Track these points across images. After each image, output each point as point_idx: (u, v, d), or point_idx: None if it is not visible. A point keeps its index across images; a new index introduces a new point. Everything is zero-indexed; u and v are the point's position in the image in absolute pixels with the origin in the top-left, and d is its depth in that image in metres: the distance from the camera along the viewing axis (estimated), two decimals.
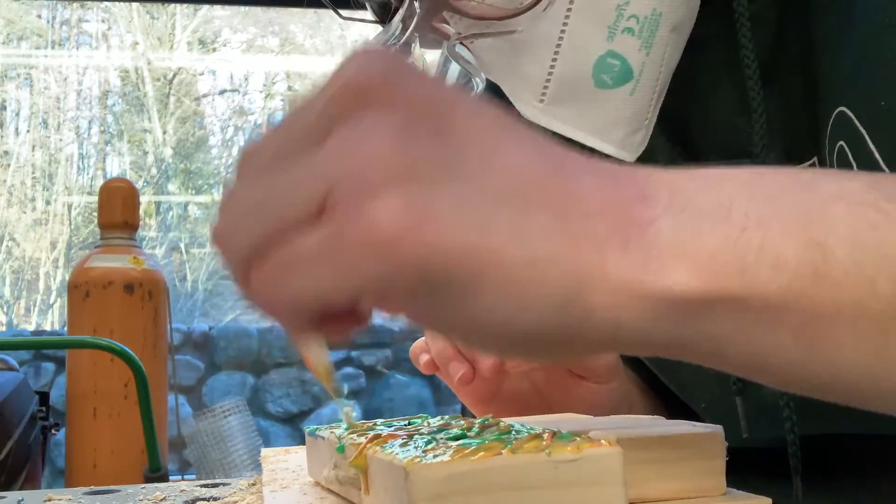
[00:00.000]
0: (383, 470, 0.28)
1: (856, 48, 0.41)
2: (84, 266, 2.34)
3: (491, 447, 0.27)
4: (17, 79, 4.12)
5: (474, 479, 0.26)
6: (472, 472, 0.26)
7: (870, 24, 0.40)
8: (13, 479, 1.91)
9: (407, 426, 0.36)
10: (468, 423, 0.35)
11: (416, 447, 0.29)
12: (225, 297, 4.14)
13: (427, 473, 0.25)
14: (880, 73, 0.39)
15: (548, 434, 0.29)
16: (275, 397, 3.72)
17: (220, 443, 2.83)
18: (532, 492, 0.26)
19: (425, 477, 0.25)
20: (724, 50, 0.46)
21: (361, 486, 0.31)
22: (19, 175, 4.06)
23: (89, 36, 4.31)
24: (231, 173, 0.27)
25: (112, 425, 2.25)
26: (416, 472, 0.25)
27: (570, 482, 0.26)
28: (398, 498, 0.26)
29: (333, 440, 0.35)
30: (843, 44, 0.42)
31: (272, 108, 4.40)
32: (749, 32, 0.43)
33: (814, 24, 0.44)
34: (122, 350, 1.78)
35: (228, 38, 4.37)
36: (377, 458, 0.29)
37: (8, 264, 4.04)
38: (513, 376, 0.54)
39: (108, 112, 4.23)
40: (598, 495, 0.26)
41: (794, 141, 0.46)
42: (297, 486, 0.38)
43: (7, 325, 4.00)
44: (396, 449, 0.29)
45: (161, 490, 0.50)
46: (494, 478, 0.26)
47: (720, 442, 0.31)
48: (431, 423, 0.37)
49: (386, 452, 0.28)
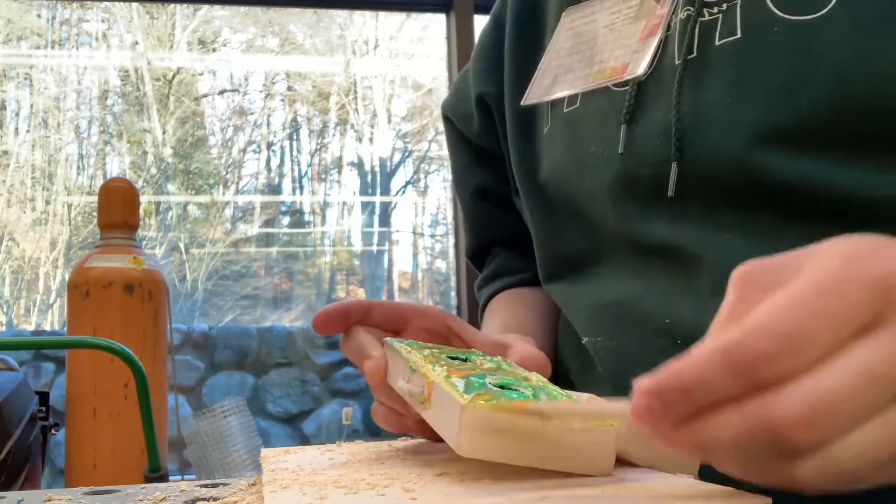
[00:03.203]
0: (445, 399, 0.38)
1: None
2: (84, 266, 2.34)
3: (528, 407, 0.36)
4: (16, 79, 4.12)
5: (505, 423, 0.36)
6: (506, 419, 0.36)
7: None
8: (13, 479, 1.91)
9: (465, 362, 0.46)
10: (512, 373, 0.45)
11: (470, 386, 0.39)
12: (225, 298, 4.14)
13: (475, 412, 0.36)
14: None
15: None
16: (275, 397, 3.72)
17: (220, 443, 2.83)
18: (543, 444, 0.37)
19: (473, 413, 0.36)
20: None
21: (425, 402, 0.41)
22: (19, 175, 4.06)
23: (89, 36, 4.31)
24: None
25: (112, 425, 2.25)
26: (467, 409, 0.36)
27: (572, 443, 0.37)
28: (453, 423, 0.36)
29: (407, 357, 0.45)
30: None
31: (272, 107, 4.41)
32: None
33: None
34: (122, 350, 1.78)
35: (228, 38, 4.37)
36: (443, 390, 0.39)
37: (8, 264, 4.04)
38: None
39: (108, 112, 4.23)
40: (591, 454, 0.37)
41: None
42: (297, 487, 0.38)
43: (7, 325, 4.00)
44: (459, 383, 0.39)
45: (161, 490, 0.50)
46: (520, 427, 0.36)
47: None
48: (485, 363, 0.47)
49: (450, 384, 0.39)
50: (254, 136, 4.40)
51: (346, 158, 4.42)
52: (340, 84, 4.36)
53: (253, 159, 4.40)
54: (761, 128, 0.49)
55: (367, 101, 4.39)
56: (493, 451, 0.36)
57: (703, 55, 0.53)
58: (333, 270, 4.37)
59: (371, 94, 4.40)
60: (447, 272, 4.32)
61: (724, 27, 0.52)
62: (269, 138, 4.41)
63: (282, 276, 4.25)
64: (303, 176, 4.45)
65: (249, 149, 4.39)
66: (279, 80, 4.37)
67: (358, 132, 4.42)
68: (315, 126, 4.50)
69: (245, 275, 4.20)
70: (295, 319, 4.13)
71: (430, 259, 4.57)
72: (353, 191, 4.41)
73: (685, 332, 0.52)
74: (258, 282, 4.19)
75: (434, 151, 4.49)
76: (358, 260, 4.42)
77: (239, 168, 4.40)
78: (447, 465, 0.42)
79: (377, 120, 4.41)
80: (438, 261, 4.54)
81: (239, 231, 4.29)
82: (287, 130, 4.45)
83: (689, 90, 0.52)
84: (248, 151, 4.39)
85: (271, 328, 3.84)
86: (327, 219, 4.40)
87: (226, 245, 4.24)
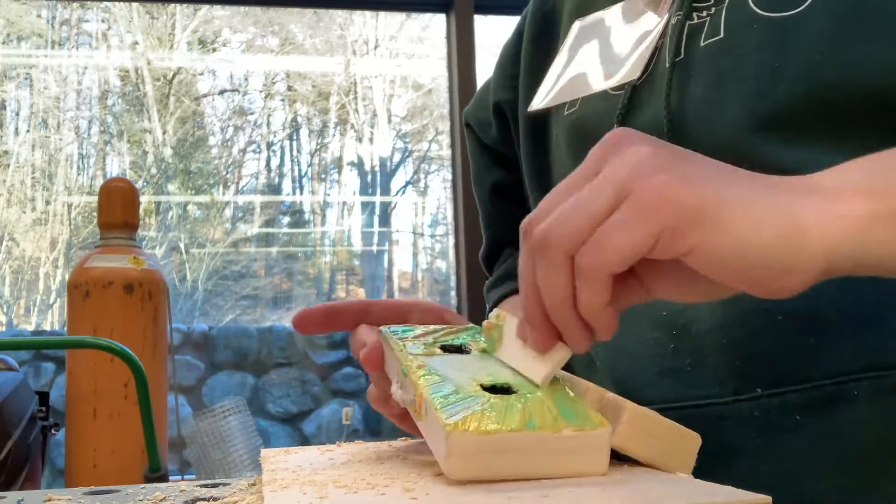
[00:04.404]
0: (433, 417, 0.38)
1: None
2: (84, 266, 2.34)
3: (514, 422, 0.36)
4: (17, 79, 4.12)
5: (493, 443, 0.36)
6: (493, 440, 0.36)
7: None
8: (13, 479, 1.91)
9: (460, 351, 0.47)
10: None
11: (459, 400, 0.38)
12: (225, 298, 4.14)
13: (461, 438, 0.35)
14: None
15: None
16: (275, 397, 3.72)
17: (220, 443, 2.83)
18: (535, 456, 0.36)
19: (459, 438, 0.35)
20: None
21: (417, 413, 0.41)
22: (19, 175, 4.06)
23: (89, 36, 4.31)
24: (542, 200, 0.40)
25: (112, 425, 2.25)
26: (453, 436, 0.35)
27: (564, 449, 0.36)
28: (441, 446, 0.36)
29: (399, 357, 0.45)
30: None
31: (272, 107, 4.40)
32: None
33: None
34: (122, 350, 1.78)
35: (228, 38, 4.37)
36: (431, 406, 0.38)
37: (8, 264, 4.04)
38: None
39: (108, 112, 4.23)
40: (585, 458, 0.37)
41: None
42: (297, 487, 0.38)
43: (7, 325, 4.00)
44: (445, 400, 0.38)
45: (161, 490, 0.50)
46: (509, 446, 0.36)
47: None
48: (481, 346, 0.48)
49: (437, 403, 0.38)
50: (254, 136, 4.40)
51: (346, 158, 4.42)
52: (340, 84, 4.36)
53: (253, 159, 4.40)
54: (743, 120, 0.51)
55: (367, 101, 4.39)
56: (485, 472, 0.36)
57: (689, 56, 0.55)
58: (333, 270, 4.37)
59: (371, 94, 4.40)
60: (447, 272, 4.32)
61: (710, 29, 0.54)
62: (269, 138, 4.41)
63: (282, 276, 4.25)
64: (303, 176, 4.45)
65: (249, 149, 4.39)
66: (279, 80, 4.37)
67: (358, 132, 4.42)
68: (315, 126, 4.50)
69: (245, 275, 4.20)
70: None
71: (430, 259, 4.57)
72: (353, 191, 4.41)
73: (681, 323, 0.53)
74: (258, 282, 4.19)
75: (434, 151, 4.49)
76: (358, 260, 4.42)
77: (239, 168, 4.40)
78: None
79: (377, 120, 4.41)
80: (438, 261, 4.54)
81: (239, 231, 4.29)
82: (287, 130, 4.45)
83: (677, 90, 0.54)
84: (248, 151, 4.39)
85: (271, 328, 3.84)
86: (327, 219, 4.40)
87: (226, 245, 4.24)
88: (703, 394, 0.52)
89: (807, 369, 0.48)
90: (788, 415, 0.48)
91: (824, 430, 0.48)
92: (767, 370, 0.49)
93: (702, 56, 0.54)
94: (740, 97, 0.51)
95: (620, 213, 0.36)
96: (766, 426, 0.49)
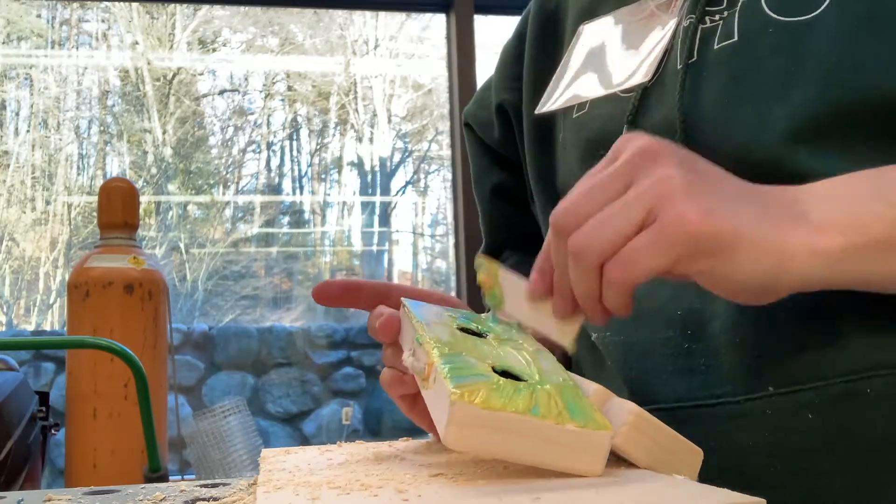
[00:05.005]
0: (441, 385, 0.38)
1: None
2: (84, 266, 2.34)
3: (520, 405, 0.37)
4: (17, 79, 4.12)
5: (496, 420, 0.36)
6: (496, 417, 0.36)
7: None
8: (13, 479, 1.91)
9: (478, 336, 0.47)
10: (523, 350, 0.46)
11: (469, 374, 0.39)
12: (225, 298, 4.14)
13: (464, 408, 0.36)
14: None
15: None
16: (275, 397, 3.72)
17: (220, 443, 2.83)
18: (534, 443, 0.37)
19: (463, 409, 0.36)
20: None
21: (425, 381, 0.42)
22: (19, 175, 4.06)
23: (89, 36, 4.31)
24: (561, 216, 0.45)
25: (112, 425, 2.25)
26: (457, 405, 0.36)
27: (564, 443, 0.37)
28: (443, 414, 0.37)
29: (416, 327, 0.46)
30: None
31: (272, 107, 4.41)
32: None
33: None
34: (122, 350, 1.78)
35: (228, 38, 4.37)
36: (441, 375, 0.39)
37: (8, 264, 4.05)
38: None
39: (108, 112, 4.24)
40: (583, 455, 0.37)
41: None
42: (291, 487, 0.38)
43: (7, 325, 4.01)
44: (456, 371, 0.39)
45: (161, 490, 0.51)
46: (510, 426, 0.36)
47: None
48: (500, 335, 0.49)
49: (447, 372, 0.38)
50: (254, 136, 4.40)
51: (346, 158, 4.42)
52: (340, 84, 4.36)
53: (253, 159, 4.40)
54: (757, 124, 0.51)
55: (367, 101, 4.39)
56: (481, 446, 0.36)
57: (702, 59, 0.55)
58: (333, 270, 4.37)
59: (371, 94, 4.40)
60: (447, 272, 4.32)
61: (723, 32, 0.54)
62: (269, 138, 4.41)
63: (282, 276, 4.25)
64: (303, 176, 4.45)
65: (249, 149, 4.39)
66: (279, 80, 4.37)
67: (358, 132, 4.42)
68: (315, 126, 4.50)
69: (245, 275, 4.20)
70: (295, 319, 4.13)
71: (430, 259, 4.57)
72: (353, 191, 4.41)
73: (695, 322, 0.53)
74: (258, 282, 4.19)
75: (434, 151, 4.49)
76: (358, 260, 4.42)
77: (239, 168, 4.40)
78: (444, 467, 0.43)
79: (377, 120, 4.41)
80: (438, 261, 4.54)
81: (239, 231, 4.30)
82: (287, 130, 4.45)
83: (690, 92, 0.54)
84: (248, 151, 4.39)
85: (271, 328, 3.84)
86: (327, 219, 4.40)
87: (226, 245, 4.24)
88: (716, 392, 0.52)
89: (819, 368, 0.48)
90: (800, 413, 0.48)
91: (836, 428, 0.48)
92: (779, 369, 0.49)
93: (715, 59, 0.54)
94: (755, 100, 0.51)
95: (647, 236, 0.41)
96: (778, 424, 0.49)
